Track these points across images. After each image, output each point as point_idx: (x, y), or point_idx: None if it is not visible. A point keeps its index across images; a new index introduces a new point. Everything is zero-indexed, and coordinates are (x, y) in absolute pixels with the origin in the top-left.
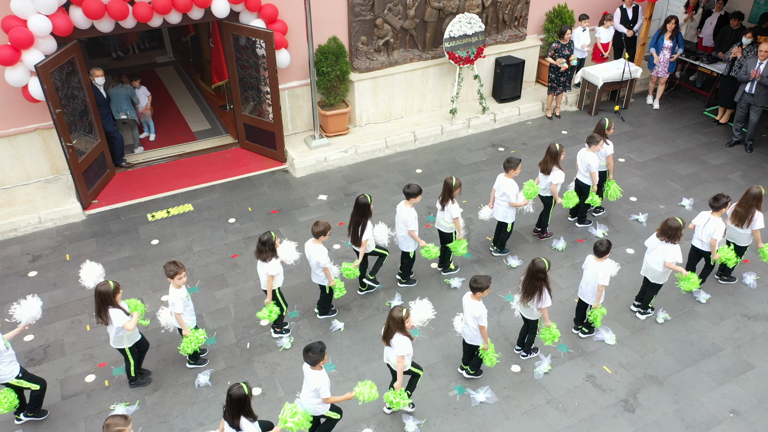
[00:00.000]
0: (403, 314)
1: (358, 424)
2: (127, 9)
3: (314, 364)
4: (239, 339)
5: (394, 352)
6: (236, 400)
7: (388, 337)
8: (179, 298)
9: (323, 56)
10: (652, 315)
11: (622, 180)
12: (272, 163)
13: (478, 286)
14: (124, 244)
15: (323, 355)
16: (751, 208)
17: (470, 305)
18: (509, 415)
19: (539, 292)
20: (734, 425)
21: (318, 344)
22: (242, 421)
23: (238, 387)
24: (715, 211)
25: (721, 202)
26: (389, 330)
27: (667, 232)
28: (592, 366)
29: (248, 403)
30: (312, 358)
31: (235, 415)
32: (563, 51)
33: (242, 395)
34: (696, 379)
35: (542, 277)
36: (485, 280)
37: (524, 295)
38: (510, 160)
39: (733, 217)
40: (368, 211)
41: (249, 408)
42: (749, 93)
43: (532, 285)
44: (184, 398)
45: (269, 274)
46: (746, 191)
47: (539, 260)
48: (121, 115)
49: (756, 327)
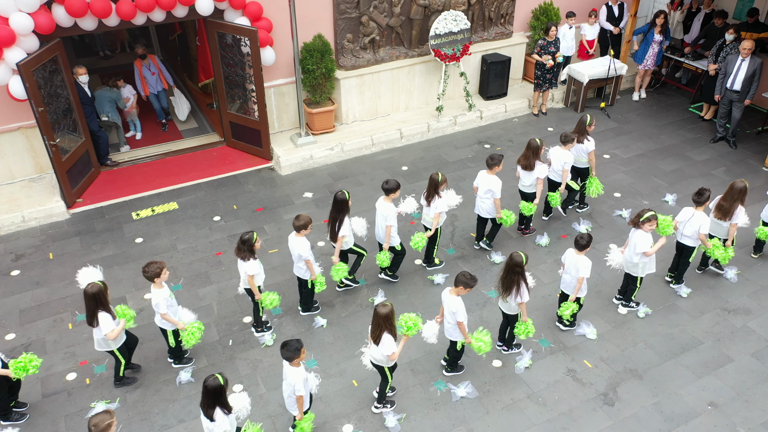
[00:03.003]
0: (388, 310)
1: (339, 420)
2: (110, 7)
3: (290, 361)
4: (222, 336)
5: (380, 350)
6: (212, 391)
7: (377, 335)
8: (162, 298)
9: (308, 54)
10: (634, 309)
11: (607, 176)
12: (258, 161)
13: (465, 281)
14: (108, 243)
15: (299, 353)
16: (736, 202)
17: (448, 300)
18: (489, 410)
19: (517, 286)
20: (712, 417)
21: (295, 342)
22: (216, 412)
23: (214, 378)
24: (698, 206)
25: (705, 196)
26: (378, 328)
27: (636, 222)
28: (572, 360)
29: (224, 394)
30: (286, 354)
31: (210, 406)
32: (549, 48)
33: (218, 386)
34: (675, 372)
35: (519, 271)
36: (472, 280)
37: (503, 290)
38: (493, 157)
39: (717, 210)
40: (346, 207)
41: (224, 399)
42: (731, 89)
43: (509, 279)
44: (166, 395)
45: (248, 273)
46: (731, 185)
47: (516, 254)
48: (102, 117)
49: (736, 321)
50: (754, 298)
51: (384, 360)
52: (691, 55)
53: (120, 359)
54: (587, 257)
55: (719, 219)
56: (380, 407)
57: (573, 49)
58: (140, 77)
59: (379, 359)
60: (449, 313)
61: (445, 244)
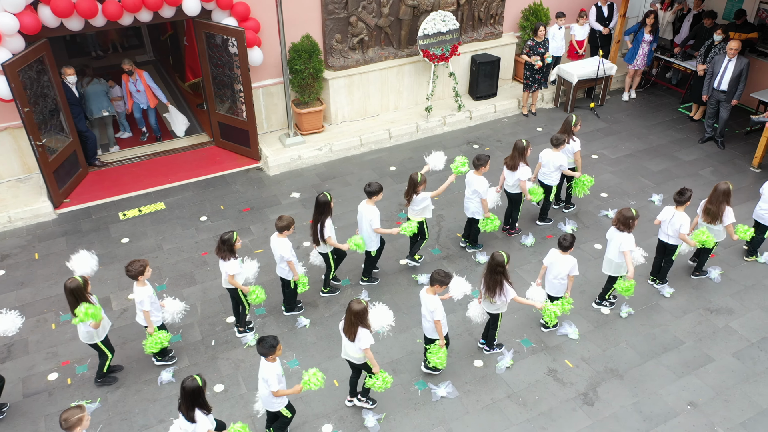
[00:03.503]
0: (362, 306)
1: (319, 420)
2: (96, 7)
3: (265, 357)
4: (204, 336)
5: (356, 346)
6: (190, 393)
7: (350, 331)
8: (146, 295)
9: (296, 54)
10: (614, 307)
11: (594, 176)
12: (247, 161)
13: (440, 278)
14: (94, 243)
15: (274, 349)
16: (722, 204)
17: (426, 299)
18: (469, 410)
19: (500, 285)
20: (691, 417)
21: (271, 338)
22: (196, 413)
23: (192, 379)
24: (679, 206)
25: (686, 196)
26: (351, 324)
27: (621, 220)
28: (554, 360)
29: (202, 395)
30: (261, 350)
31: (189, 407)
32: (538, 48)
33: (196, 387)
34: (656, 372)
35: (501, 270)
36: (447, 276)
37: (486, 290)
38: (479, 157)
39: (704, 215)
40: (328, 209)
41: (203, 400)
42: (718, 89)
43: (492, 279)
44: (147, 395)
45: (228, 273)
46: (714, 188)
47: (498, 254)
48: (103, 112)
49: (718, 321)
50: (737, 298)
51: (360, 356)
52: (681, 55)
53: (106, 353)
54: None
55: (709, 223)
56: (363, 401)
57: (563, 50)
58: (126, 92)
59: (356, 357)
60: (427, 312)
61: (431, 244)
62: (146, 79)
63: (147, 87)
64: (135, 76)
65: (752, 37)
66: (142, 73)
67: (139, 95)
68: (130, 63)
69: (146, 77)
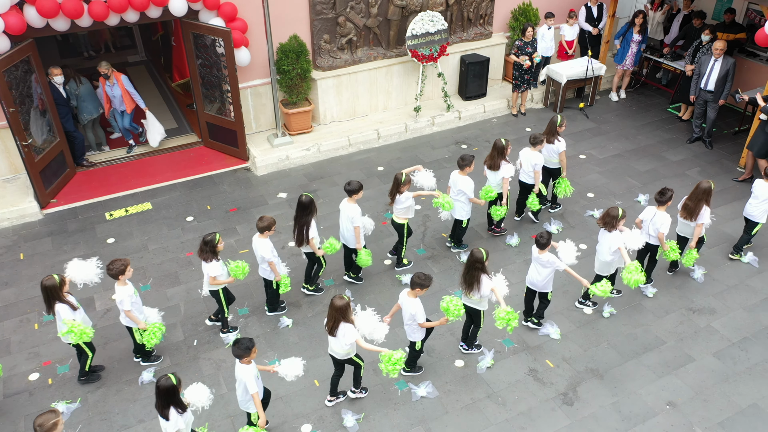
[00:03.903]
0: (345, 302)
1: (299, 420)
2: (82, 7)
3: (240, 359)
4: (187, 336)
5: (340, 342)
6: (164, 391)
7: (333, 327)
8: (126, 295)
9: (284, 55)
10: (597, 307)
11: (581, 176)
12: (235, 161)
13: (419, 281)
14: (80, 243)
15: (249, 351)
16: (701, 202)
17: (407, 303)
18: (448, 410)
19: (477, 282)
20: (669, 417)
21: (246, 340)
22: (171, 412)
23: (166, 378)
24: (660, 206)
25: (667, 196)
26: (333, 320)
27: (606, 220)
28: (535, 360)
29: (176, 393)
30: (236, 351)
31: (164, 406)
32: (526, 48)
33: (170, 386)
34: (636, 372)
35: (479, 267)
36: (428, 279)
37: (465, 287)
38: (464, 157)
39: (683, 210)
40: (313, 209)
41: (178, 399)
42: (705, 90)
43: (470, 275)
44: (127, 395)
45: (210, 275)
46: (697, 185)
47: (477, 250)
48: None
49: (700, 320)
50: (719, 298)
51: (345, 351)
52: (670, 55)
53: (87, 352)
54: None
55: (685, 219)
56: (356, 392)
57: (552, 50)
58: (104, 95)
59: (340, 353)
60: (409, 316)
61: (416, 244)
62: (124, 83)
63: (124, 91)
64: (112, 80)
65: (740, 37)
66: (120, 77)
67: (116, 100)
68: (107, 66)
69: (124, 81)
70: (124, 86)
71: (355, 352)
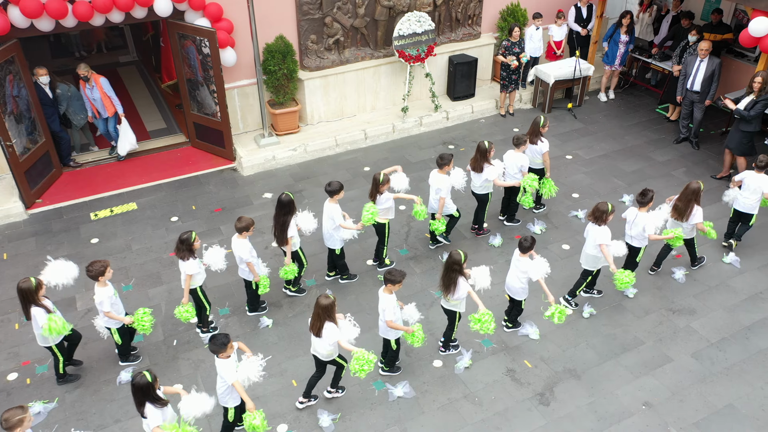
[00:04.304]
0: (330, 301)
1: (275, 420)
2: (66, 8)
3: (216, 354)
4: (167, 336)
5: (323, 342)
6: (139, 389)
7: (317, 327)
8: (106, 296)
9: (270, 55)
10: (577, 308)
11: (567, 177)
12: (222, 161)
13: (391, 278)
14: (64, 243)
15: (225, 347)
16: (690, 202)
17: (381, 298)
18: (425, 410)
19: (454, 283)
20: (645, 417)
21: (222, 336)
22: (147, 408)
23: (141, 376)
24: (642, 207)
25: (648, 197)
26: (318, 319)
27: (595, 214)
28: (513, 360)
29: (152, 390)
30: (212, 347)
31: (140, 403)
32: (513, 49)
33: (145, 383)
34: (614, 372)
35: (457, 269)
36: (399, 274)
37: (443, 289)
38: (443, 156)
39: (673, 211)
40: (292, 208)
41: (154, 395)
42: (691, 90)
43: (448, 277)
44: (104, 395)
45: (187, 273)
46: (686, 186)
47: (455, 252)
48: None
49: (679, 321)
50: (700, 299)
51: (328, 353)
52: (658, 55)
53: (58, 356)
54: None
55: (676, 219)
56: (333, 392)
57: (541, 50)
58: (86, 98)
59: (323, 353)
60: (381, 311)
61: (399, 244)
62: (103, 86)
63: (104, 94)
64: (91, 83)
65: (727, 37)
66: (99, 80)
67: (96, 103)
68: (86, 68)
69: (104, 84)
70: (103, 89)
71: (338, 353)
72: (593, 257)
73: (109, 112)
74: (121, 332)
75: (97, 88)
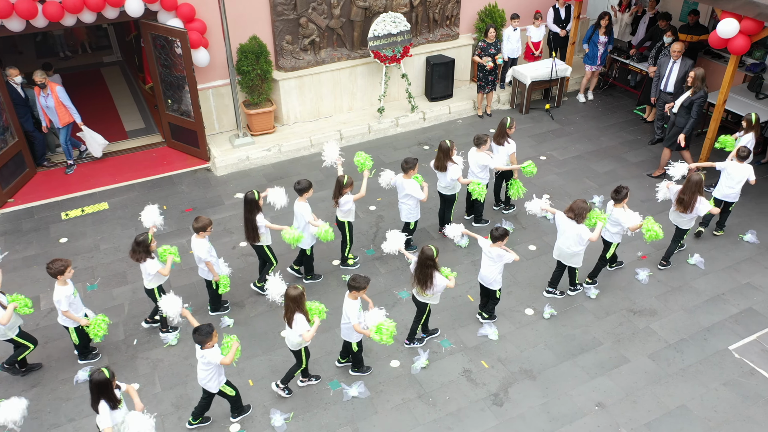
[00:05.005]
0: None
1: (227, 419)
2: (35, 8)
3: (201, 345)
4: (127, 335)
5: (294, 332)
6: (95, 385)
7: (290, 319)
8: (64, 295)
9: (243, 56)
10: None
11: (539, 177)
12: (196, 161)
13: (355, 284)
14: (33, 243)
15: (209, 337)
16: (695, 194)
17: (345, 303)
18: (378, 410)
19: (430, 279)
20: (597, 418)
21: (206, 326)
22: (101, 405)
23: (99, 372)
24: (617, 203)
25: (622, 194)
26: (288, 310)
27: (576, 211)
28: (470, 361)
29: (109, 388)
30: (197, 338)
31: (95, 400)
32: (489, 50)
33: (103, 380)
34: (570, 373)
35: (431, 264)
36: (363, 280)
37: (419, 285)
38: (407, 161)
39: (678, 204)
40: (256, 206)
41: (111, 393)
42: (664, 91)
43: (423, 273)
44: (61, 394)
45: (150, 273)
46: (687, 179)
47: (427, 248)
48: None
49: (639, 322)
50: (661, 300)
51: (297, 342)
52: (636, 57)
53: (25, 344)
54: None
55: (682, 212)
56: (281, 387)
57: (519, 51)
58: (39, 105)
59: (293, 342)
60: (345, 315)
61: (366, 244)
62: (59, 95)
63: (59, 104)
64: (47, 90)
65: (704, 39)
66: (55, 88)
67: (49, 111)
68: (43, 75)
69: (60, 93)
70: (58, 98)
71: (305, 344)
72: (569, 254)
73: (62, 122)
74: (78, 332)
75: (53, 96)
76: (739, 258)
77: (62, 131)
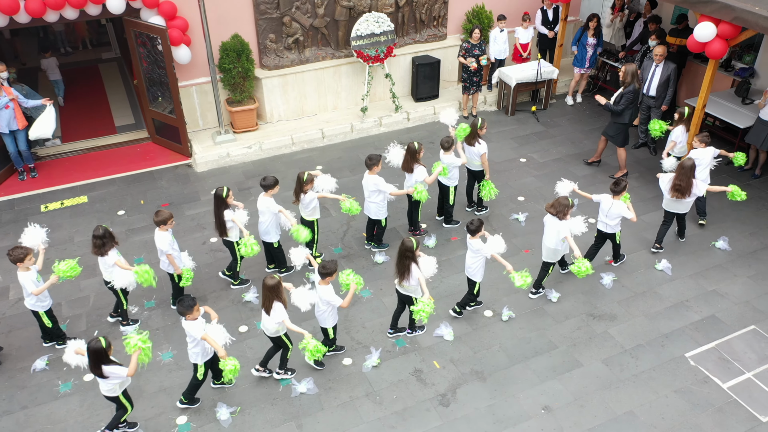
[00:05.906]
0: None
1: (176, 411)
2: (17, 4)
3: (184, 315)
4: (89, 327)
5: (272, 319)
6: (93, 353)
7: (268, 306)
8: (29, 280)
9: (225, 53)
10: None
11: (516, 179)
12: (178, 157)
13: (326, 271)
14: (9, 234)
15: (191, 309)
16: (690, 178)
17: (320, 291)
18: (325, 407)
19: (408, 270)
20: (542, 421)
21: (188, 299)
22: (104, 369)
23: (96, 341)
24: (616, 195)
25: (621, 186)
26: (266, 299)
27: (557, 208)
28: (422, 361)
29: (106, 354)
30: (180, 309)
31: (96, 366)
32: (473, 51)
33: (99, 348)
34: (521, 375)
35: (410, 255)
36: (332, 264)
37: (398, 276)
38: (371, 157)
39: (674, 191)
40: (223, 202)
41: (108, 359)
42: (647, 95)
43: (402, 264)
44: (18, 382)
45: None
46: (680, 164)
47: (407, 240)
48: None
49: (597, 326)
50: (623, 305)
51: (274, 329)
52: (625, 59)
53: None
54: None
55: (679, 198)
56: (281, 373)
57: (506, 53)
58: None
59: (271, 329)
60: (324, 302)
61: (334, 242)
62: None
63: (16, 104)
64: (2, 92)
65: None
66: (12, 91)
67: (6, 113)
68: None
69: (15, 92)
70: (17, 99)
71: (284, 331)
72: (553, 250)
73: (20, 125)
74: (50, 315)
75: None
76: (709, 265)
77: (21, 135)
